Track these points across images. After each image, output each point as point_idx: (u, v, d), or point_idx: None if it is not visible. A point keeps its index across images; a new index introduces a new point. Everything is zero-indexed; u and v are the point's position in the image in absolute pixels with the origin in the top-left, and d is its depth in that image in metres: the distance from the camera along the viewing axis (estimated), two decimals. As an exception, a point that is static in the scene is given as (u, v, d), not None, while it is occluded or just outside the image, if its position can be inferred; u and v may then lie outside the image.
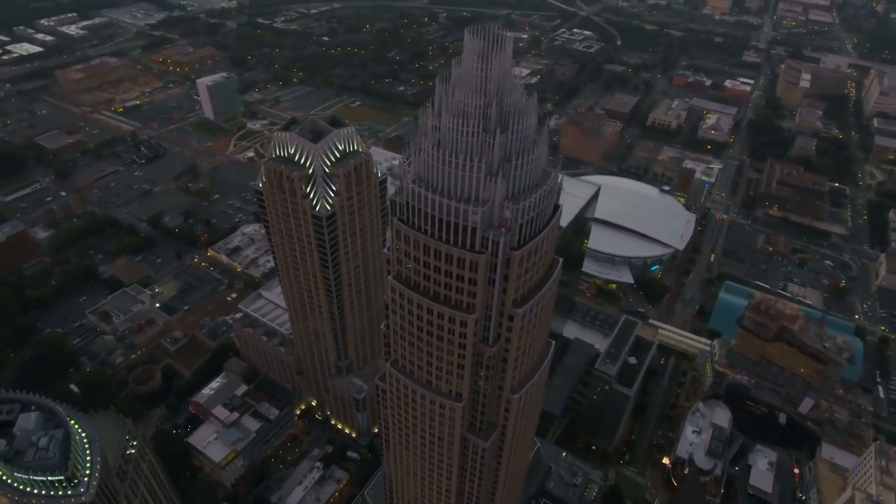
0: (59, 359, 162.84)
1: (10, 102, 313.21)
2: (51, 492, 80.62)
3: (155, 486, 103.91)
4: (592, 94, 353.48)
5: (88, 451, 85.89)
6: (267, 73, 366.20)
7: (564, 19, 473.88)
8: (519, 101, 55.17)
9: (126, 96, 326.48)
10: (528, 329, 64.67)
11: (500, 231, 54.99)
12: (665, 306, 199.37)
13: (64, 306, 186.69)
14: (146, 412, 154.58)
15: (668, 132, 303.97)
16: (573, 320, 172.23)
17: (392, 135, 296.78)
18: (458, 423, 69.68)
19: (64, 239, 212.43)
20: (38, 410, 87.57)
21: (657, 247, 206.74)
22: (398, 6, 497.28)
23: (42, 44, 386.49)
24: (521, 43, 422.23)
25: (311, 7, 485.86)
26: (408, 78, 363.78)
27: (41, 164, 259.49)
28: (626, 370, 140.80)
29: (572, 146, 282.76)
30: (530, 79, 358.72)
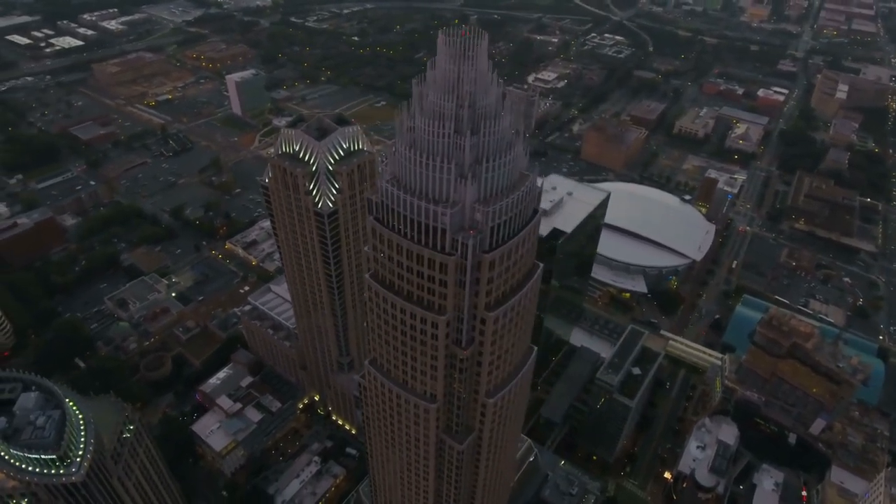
0: (77, 342, 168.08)
1: (49, 93, 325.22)
2: (44, 470, 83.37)
3: (151, 470, 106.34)
4: (620, 100, 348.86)
5: (83, 432, 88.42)
6: (296, 71, 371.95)
7: (596, 24, 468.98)
8: (493, 104, 54.99)
9: (159, 90, 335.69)
10: (503, 333, 64.20)
11: (468, 233, 54.76)
12: (679, 318, 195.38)
13: (86, 292, 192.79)
14: (155, 398, 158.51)
15: (694, 141, 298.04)
16: (581, 328, 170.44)
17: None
18: (432, 425, 69.60)
19: (90, 227, 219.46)
20: (39, 391, 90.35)
21: (674, 257, 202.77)
22: (430, 7, 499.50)
23: (83, 38, 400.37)
24: (551, 47, 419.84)
25: (343, 7, 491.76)
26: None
27: (74, 154, 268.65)
28: (629, 381, 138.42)
29: (594, 152, 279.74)
30: (557, 83, 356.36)
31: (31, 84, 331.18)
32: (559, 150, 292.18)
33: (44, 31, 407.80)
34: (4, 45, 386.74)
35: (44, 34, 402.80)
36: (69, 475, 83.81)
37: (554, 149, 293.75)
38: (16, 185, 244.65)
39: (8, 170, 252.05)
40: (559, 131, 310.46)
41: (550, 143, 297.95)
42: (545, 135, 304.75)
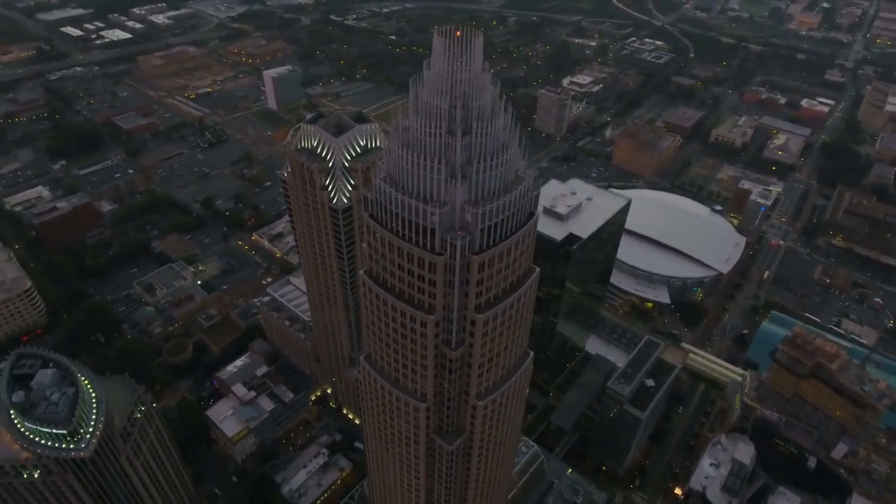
0: (105, 324, 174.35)
1: (96, 84, 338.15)
2: (55, 444, 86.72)
3: (160, 450, 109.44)
4: (656, 106, 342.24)
5: (94, 410, 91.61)
6: (332, 68, 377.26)
7: (637, 28, 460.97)
8: (487, 105, 54.75)
9: (199, 83, 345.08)
10: (494, 336, 63.88)
11: (457, 234, 54.69)
12: (702, 331, 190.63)
13: (117, 276, 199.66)
14: (175, 382, 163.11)
15: (731, 150, 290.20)
16: (598, 335, 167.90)
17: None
18: (422, 423, 69.72)
19: (125, 213, 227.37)
20: (56, 368, 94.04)
21: (699, 268, 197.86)
22: (469, 8, 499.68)
23: (132, 31, 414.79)
24: (588, 50, 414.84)
25: (383, 6, 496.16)
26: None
27: (115, 142, 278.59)
28: (641, 392, 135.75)
29: (625, 158, 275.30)
30: (592, 87, 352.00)
31: (79, 74, 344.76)
32: (590, 155, 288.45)
33: (95, 24, 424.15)
34: (58, 36, 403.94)
35: (95, 27, 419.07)
36: (78, 450, 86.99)
37: (584, 153, 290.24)
38: (59, 170, 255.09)
39: (53, 155, 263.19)
40: (591, 136, 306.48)
41: (581, 148, 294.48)
42: (576, 139, 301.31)
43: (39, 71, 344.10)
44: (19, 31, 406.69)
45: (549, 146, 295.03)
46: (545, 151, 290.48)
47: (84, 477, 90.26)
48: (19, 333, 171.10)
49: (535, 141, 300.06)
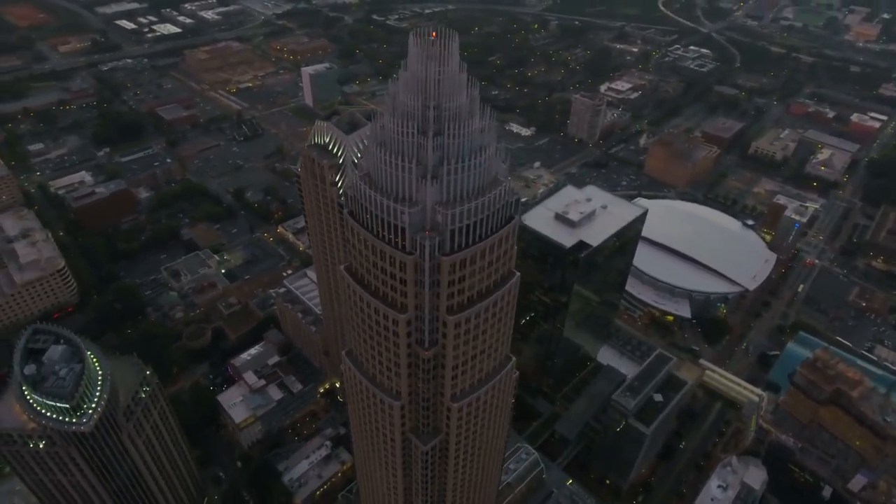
0: (131, 306, 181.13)
1: (143, 75, 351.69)
2: (59, 417, 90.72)
3: (164, 431, 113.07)
4: (695, 115, 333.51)
5: (99, 387, 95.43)
6: (371, 67, 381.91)
7: (682, 35, 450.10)
8: (462, 106, 54.63)
9: (241, 78, 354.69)
10: (468, 339, 63.61)
11: (425, 234, 54.80)
12: (723, 348, 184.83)
13: (147, 260, 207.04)
14: (192, 366, 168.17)
15: (770, 163, 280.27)
16: (611, 346, 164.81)
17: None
18: (397, 422, 69.98)
19: (160, 201, 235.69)
20: (67, 344, 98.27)
21: (725, 283, 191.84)
22: (511, 11, 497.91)
23: (182, 25, 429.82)
24: (629, 56, 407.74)
25: (426, 7, 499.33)
26: (504, 83, 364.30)
27: (157, 132, 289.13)
28: (648, 407, 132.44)
29: (658, 167, 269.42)
30: (630, 94, 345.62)
31: (129, 65, 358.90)
32: (622, 163, 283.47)
33: (148, 18, 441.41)
34: (113, 28, 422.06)
35: (148, 20, 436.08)
36: (79, 425, 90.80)
37: (617, 161, 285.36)
38: (103, 157, 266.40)
39: (98, 142, 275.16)
40: (625, 143, 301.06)
41: (614, 155, 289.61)
42: (609, 146, 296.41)
43: (93, 61, 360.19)
44: (78, 23, 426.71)
45: (580, 152, 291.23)
46: (576, 157, 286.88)
47: (85, 450, 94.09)
48: (51, 310, 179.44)
49: (566, 146, 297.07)
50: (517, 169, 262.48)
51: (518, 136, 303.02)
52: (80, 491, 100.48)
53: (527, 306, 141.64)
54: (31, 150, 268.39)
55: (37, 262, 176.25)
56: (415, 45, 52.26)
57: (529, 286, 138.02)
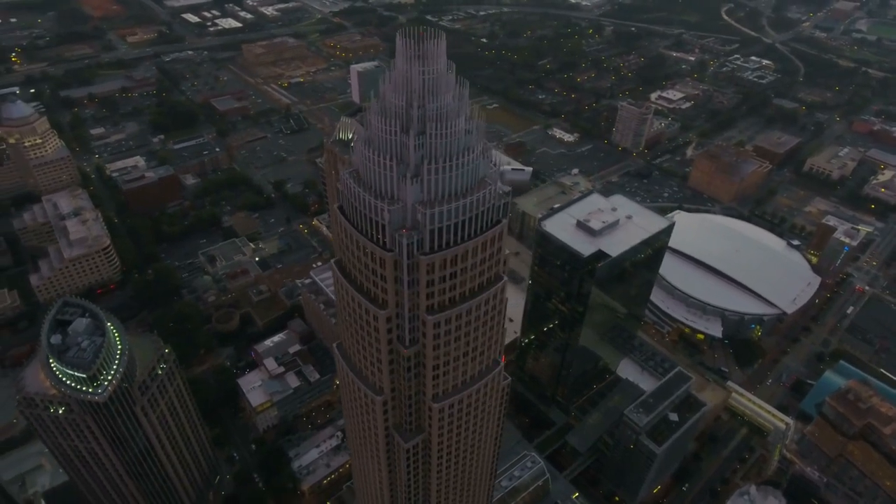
0: (168, 287, 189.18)
1: (202, 67, 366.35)
2: (77, 385, 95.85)
3: (178, 408, 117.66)
4: (749, 128, 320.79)
5: (117, 361, 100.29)
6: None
7: (744, 45, 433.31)
8: (449, 106, 54.63)
9: (293, 73, 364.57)
10: (449, 339, 63.51)
11: (403, 232, 55.17)
12: (755, 372, 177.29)
13: (187, 244, 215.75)
14: (219, 348, 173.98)
15: (825, 182, 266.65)
16: (632, 360, 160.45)
17: (515, 140, 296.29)
18: (379, 417, 70.63)
19: (205, 188, 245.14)
20: (92, 318, 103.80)
21: (761, 304, 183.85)
22: (566, 15, 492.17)
23: (243, 20, 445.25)
24: (685, 65, 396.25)
25: (480, 9, 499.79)
26: (552, 87, 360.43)
27: (209, 122, 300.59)
28: (661, 425, 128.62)
29: (703, 180, 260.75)
30: (681, 104, 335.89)
31: (190, 58, 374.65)
32: (666, 174, 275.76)
33: (212, 13, 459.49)
34: (179, 21, 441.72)
35: (212, 15, 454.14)
36: (94, 395, 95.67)
37: (660, 172, 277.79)
38: (157, 143, 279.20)
39: (154, 129, 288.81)
40: (671, 154, 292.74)
41: (658, 165, 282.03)
42: (654, 156, 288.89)
43: (157, 52, 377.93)
44: (147, 14, 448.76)
45: (623, 161, 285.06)
46: (618, 166, 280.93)
47: (100, 419, 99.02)
48: (95, 286, 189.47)
49: (609, 154, 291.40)
50: (555, 175, 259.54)
51: (560, 141, 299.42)
52: (95, 458, 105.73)
53: (544, 313, 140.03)
54: (92, 133, 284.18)
55: (84, 239, 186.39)
56: (402, 44, 52.62)
57: (547, 293, 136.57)
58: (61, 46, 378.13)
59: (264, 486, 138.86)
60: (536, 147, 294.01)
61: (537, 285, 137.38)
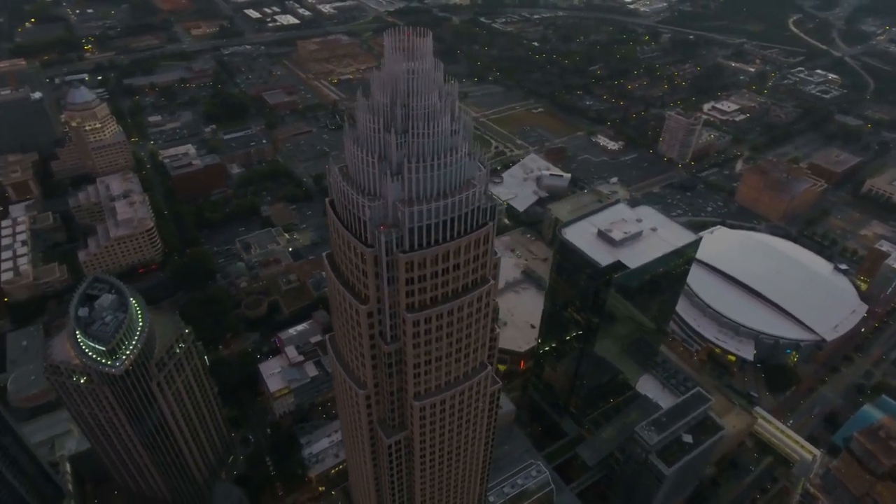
0: (203, 271, 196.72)
1: (258, 61, 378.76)
2: (97, 357, 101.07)
3: (195, 387, 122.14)
4: (807, 145, 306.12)
5: (136, 337, 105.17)
6: (468, 68, 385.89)
7: (809, 58, 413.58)
8: (433, 105, 54.74)
9: (344, 70, 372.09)
10: (430, 339, 63.64)
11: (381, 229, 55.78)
12: (787, 399, 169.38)
13: (226, 231, 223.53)
14: (245, 332, 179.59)
15: (885, 205, 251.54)
16: (653, 376, 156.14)
17: (557, 145, 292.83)
18: (363, 411, 71.50)
19: (248, 177, 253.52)
20: (117, 294, 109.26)
21: (799, 329, 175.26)
22: (622, 21, 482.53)
23: (300, 17, 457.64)
24: (743, 76, 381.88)
25: (535, 12, 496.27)
26: (600, 93, 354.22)
27: (259, 115, 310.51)
28: (673, 446, 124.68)
29: (750, 196, 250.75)
30: (735, 116, 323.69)
31: (247, 52, 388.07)
32: (711, 188, 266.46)
33: (273, 9, 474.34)
34: (241, 16, 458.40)
35: (272, 11, 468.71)
36: (112, 367, 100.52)
37: (706, 185, 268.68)
38: (208, 132, 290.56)
39: (207, 119, 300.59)
40: (719, 167, 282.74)
41: (704, 178, 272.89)
42: (701, 168, 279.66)
43: (217, 45, 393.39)
44: (212, 9, 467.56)
45: (667, 172, 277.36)
46: (662, 177, 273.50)
47: (116, 391, 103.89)
48: (137, 265, 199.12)
49: (654, 164, 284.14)
50: (594, 182, 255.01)
51: (604, 149, 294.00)
52: (113, 427, 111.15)
53: (560, 322, 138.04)
54: (150, 120, 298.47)
55: (130, 220, 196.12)
56: (389, 43, 53.31)
57: (564, 302, 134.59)
58: (130, 37, 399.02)
59: (275, 469, 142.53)
60: (578, 153, 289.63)
61: (555, 293, 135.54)
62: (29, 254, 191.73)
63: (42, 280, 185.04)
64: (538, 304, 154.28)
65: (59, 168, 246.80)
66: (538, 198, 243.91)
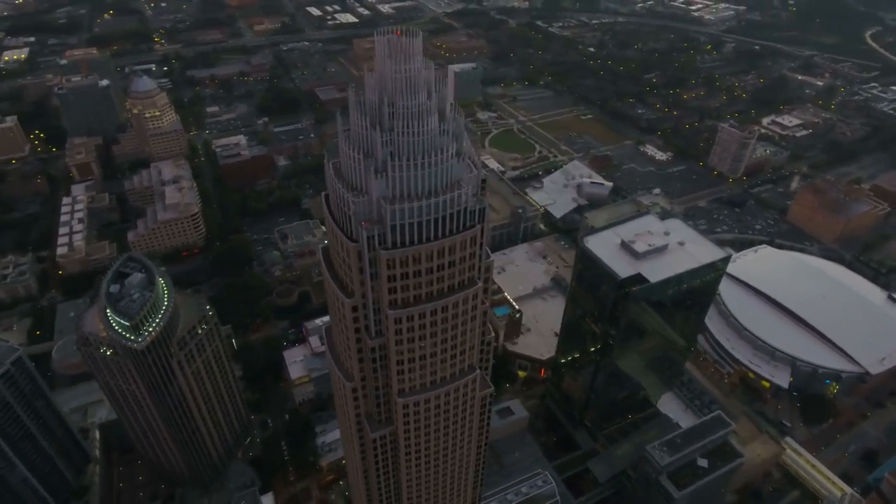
0: (241, 257, 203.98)
1: (314, 58, 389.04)
2: (122, 332, 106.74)
3: (214, 368, 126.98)
4: (873, 165, 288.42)
5: (160, 315, 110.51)
6: (520, 71, 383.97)
7: (886, 73, 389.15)
8: (421, 105, 55.11)
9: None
10: (413, 337, 64.03)
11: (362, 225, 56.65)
12: (822, 432, 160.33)
13: (267, 220, 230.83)
14: (275, 319, 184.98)
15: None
16: (677, 396, 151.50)
17: (602, 153, 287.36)
18: (350, 403, 72.64)
19: (293, 170, 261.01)
20: (146, 274, 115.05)
21: (841, 359, 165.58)
22: (685, 29, 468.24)
23: (359, 16, 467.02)
24: (809, 90, 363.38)
25: (594, 17, 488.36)
26: (654, 102, 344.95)
27: (310, 110, 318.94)
28: (686, 469, 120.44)
29: (804, 216, 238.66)
30: (796, 131, 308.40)
31: (305, 48, 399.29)
32: (763, 205, 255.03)
33: (334, 7, 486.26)
34: (302, 14, 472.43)
35: (333, 9, 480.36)
36: (134, 342, 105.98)
37: (757, 202, 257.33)
38: (261, 125, 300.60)
39: (260, 112, 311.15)
40: (773, 184, 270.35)
41: (756, 195, 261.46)
42: (753, 184, 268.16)
43: (276, 41, 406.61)
44: (275, 6, 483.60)
45: (716, 186, 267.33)
46: (709, 190, 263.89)
47: (138, 365, 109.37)
48: (181, 248, 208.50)
49: (703, 178, 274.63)
50: (636, 193, 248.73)
51: (651, 159, 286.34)
52: (135, 399, 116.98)
53: (578, 332, 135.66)
54: (208, 111, 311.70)
55: (177, 205, 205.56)
56: (379, 42, 54.12)
57: (582, 311, 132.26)
58: (197, 31, 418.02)
59: (289, 454, 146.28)
60: (624, 162, 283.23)
61: (575, 302, 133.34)
62: (84, 231, 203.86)
63: (93, 256, 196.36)
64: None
65: (119, 152, 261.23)
66: (577, 205, 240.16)
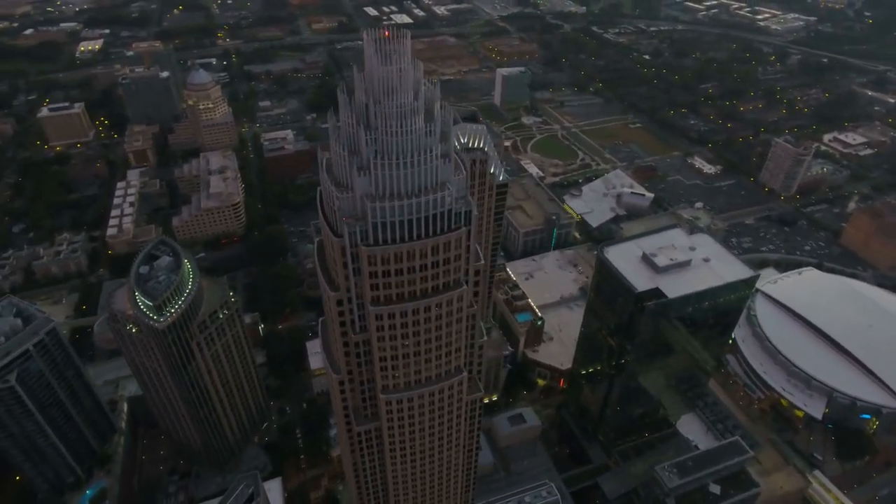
0: (277, 248, 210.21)
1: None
2: (146, 311, 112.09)
3: (234, 352, 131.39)
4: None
5: (183, 298, 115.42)
6: (571, 76, 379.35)
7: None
8: (404, 104, 55.65)
9: (446, 70, 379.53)
10: (395, 334, 64.57)
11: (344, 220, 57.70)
12: (856, 469, 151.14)
13: (305, 213, 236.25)
14: (302, 311, 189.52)
15: None
16: (698, 417, 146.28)
17: (647, 163, 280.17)
18: (337, 395, 73.97)
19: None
20: (174, 257, 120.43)
21: (882, 393, 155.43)
22: (748, 38, 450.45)
23: (415, 17, 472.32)
24: (878, 107, 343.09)
25: (652, 24, 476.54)
26: (707, 113, 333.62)
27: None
28: (696, 494, 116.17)
29: (858, 240, 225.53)
30: (859, 149, 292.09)
31: (358, 47, 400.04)
32: (815, 225, 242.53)
33: (391, 7, 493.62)
34: (359, 14, 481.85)
35: (390, 10, 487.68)
36: (155, 322, 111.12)
37: (809, 222, 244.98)
38: (309, 121, 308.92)
39: (310, 108, 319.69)
40: (828, 204, 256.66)
41: (808, 214, 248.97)
42: (806, 203, 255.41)
43: (331, 40, 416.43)
44: (334, 5, 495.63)
45: (766, 203, 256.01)
46: (758, 207, 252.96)
47: (159, 344, 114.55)
48: (221, 236, 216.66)
49: (752, 194, 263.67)
50: (677, 205, 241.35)
51: (699, 171, 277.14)
52: (157, 377, 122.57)
53: (594, 343, 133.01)
54: (260, 105, 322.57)
55: (220, 194, 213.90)
56: (367, 42, 55.08)
57: (599, 323, 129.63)
58: (258, 27, 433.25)
59: (303, 443, 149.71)
60: (669, 174, 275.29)
61: (592, 313, 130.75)
62: (134, 214, 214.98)
63: (139, 239, 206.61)
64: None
65: (174, 141, 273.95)
66: (615, 215, 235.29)
